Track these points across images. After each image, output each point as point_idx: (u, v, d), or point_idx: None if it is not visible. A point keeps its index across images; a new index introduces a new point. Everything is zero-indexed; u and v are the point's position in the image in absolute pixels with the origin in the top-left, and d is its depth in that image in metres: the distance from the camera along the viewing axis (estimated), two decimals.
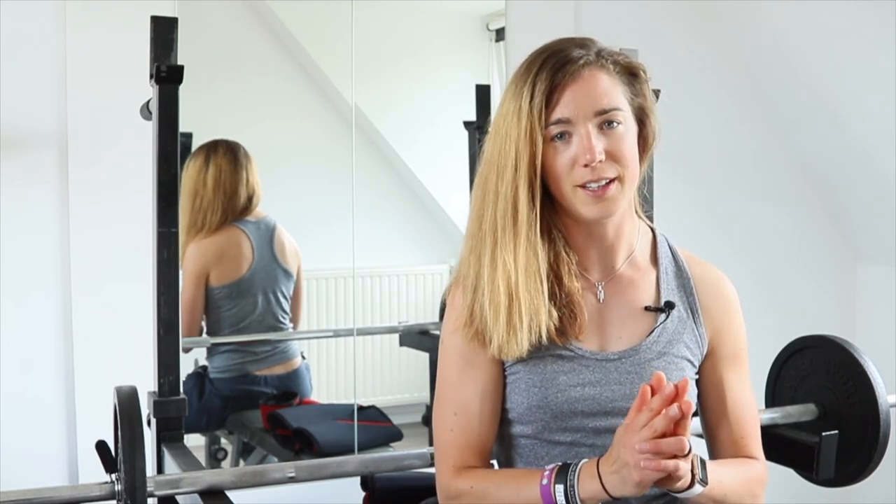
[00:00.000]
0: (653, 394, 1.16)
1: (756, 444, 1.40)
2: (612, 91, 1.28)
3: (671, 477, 1.16)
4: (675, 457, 1.14)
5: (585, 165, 1.25)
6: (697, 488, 1.21)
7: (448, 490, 1.34)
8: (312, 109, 2.74)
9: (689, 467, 1.17)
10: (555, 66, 1.26)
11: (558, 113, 1.26)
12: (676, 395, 1.14)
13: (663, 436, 1.14)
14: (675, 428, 1.15)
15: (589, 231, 1.33)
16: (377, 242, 2.79)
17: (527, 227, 1.28)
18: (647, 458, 1.13)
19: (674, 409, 1.14)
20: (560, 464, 1.25)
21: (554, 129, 1.26)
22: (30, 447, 2.18)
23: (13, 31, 2.14)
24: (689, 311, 1.37)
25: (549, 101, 1.26)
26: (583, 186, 1.26)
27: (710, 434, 1.41)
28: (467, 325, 1.32)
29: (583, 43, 1.30)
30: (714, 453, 1.41)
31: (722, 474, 1.29)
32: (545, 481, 1.24)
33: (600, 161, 1.25)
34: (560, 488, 1.22)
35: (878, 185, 2.81)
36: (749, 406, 1.40)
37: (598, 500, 1.21)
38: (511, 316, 1.27)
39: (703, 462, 1.24)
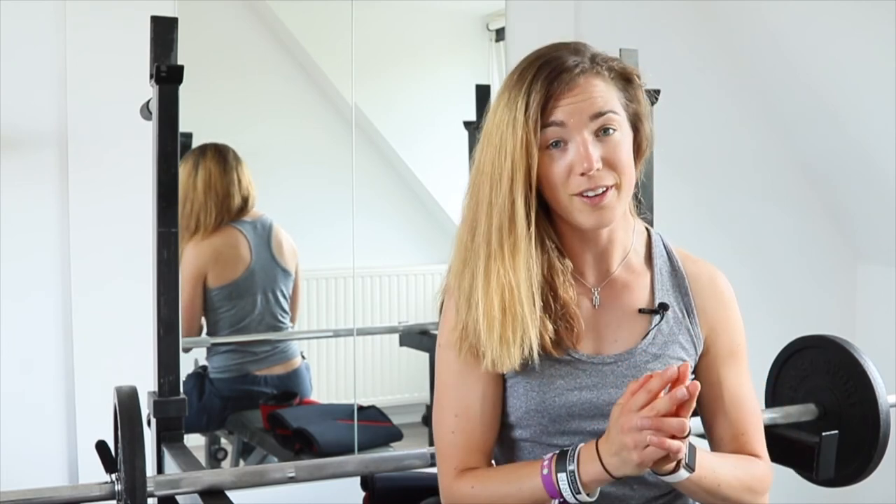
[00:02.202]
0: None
1: (758, 442, 1.38)
2: (608, 96, 1.27)
3: (667, 457, 1.16)
4: (674, 438, 1.14)
5: (582, 174, 1.24)
6: (683, 473, 1.21)
7: (451, 493, 1.33)
8: (312, 109, 2.74)
9: (682, 456, 1.17)
10: (550, 74, 1.25)
11: (553, 117, 1.24)
12: (678, 379, 1.14)
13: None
14: (678, 410, 1.14)
15: (583, 236, 1.33)
16: (377, 242, 2.79)
17: (525, 241, 1.26)
18: (651, 435, 1.12)
19: (682, 391, 1.13)
20: (558, 452, 1.25)
21: (550, 136, 1.25)
22: (30, 447, 2.18)
23: (13, 31, 2.14)
24: (684, 312, 1.37)
25: (545, 110, 1.24)
26: (580, 195, 1.25)
27: (709, 431, 1.41)
28: (461, 340, 1.31)
29: (577, 49, 1.29)
30: (714, 452, 1.41)
31: (716, 464, 1.28)
32: (546, 471, 1.24)
33: (597, 169, 1.24)
34: (563, 476, 1.22)
35: (878, 185, 2.81)
36: (748, 402, 1.39)
37: (600, 483, 1.21)
38: (505, 330, 1.26)
39: (692, 448, 1.23)
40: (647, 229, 1.42)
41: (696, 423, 1.37)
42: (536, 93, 1.24)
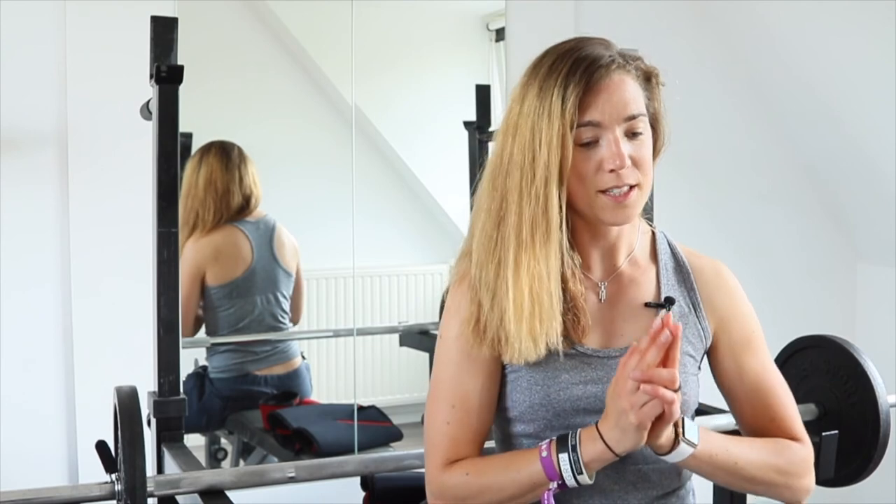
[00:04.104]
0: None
1: (794, 425, 1.36)
2: (638, 96, 1.28)
3: (663, 419, 1.16)
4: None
5: (611, 171, 1.25)
6: (684, 448, 1.21)
7: (439, 483, 1.33)
8: (312, 109, 2.74)
9: (678, 415, 1.17)
10: (588, 68, 1.25)
11: (589, 116, 1.25)
12: (662, 328, 1.16)
13: None
14: (664, 362, 1.16)
15: (594, 231, 1.33)
16: (377, 242, 2.79)
17: (558, 232, 1.27)
18: (645, 386, 1.14)
19: (665, 334, 1.15)
20: (557, 436, 1.25)
21: (584, 133, 1.25)
22: (30, 447, 2.18)
23: (13, 31, 2.14)
24: (690, 306, 1.37)
25: (581, 104, 1.24)
26: (604, 192, 1.26)
27: (742, 423, 1.39)
28: (474, 326, 1.31)
29: (605, 43, 1.30)
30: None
31: (730, 443, 1.28)
32: (545, 454, 1.24)
33: (627, 167, 1.25)
34: (564, 456, 1.22)
35: (878, 185, 2.81)
36: (774, 387, 1.37)
37: (602, 462, 1.21)
38: (533, 321, 1.26)
39: (692, 425, 1.23)
40: (651, 228, 1.43)
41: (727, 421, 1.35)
42: (574, 85, 1.24)
